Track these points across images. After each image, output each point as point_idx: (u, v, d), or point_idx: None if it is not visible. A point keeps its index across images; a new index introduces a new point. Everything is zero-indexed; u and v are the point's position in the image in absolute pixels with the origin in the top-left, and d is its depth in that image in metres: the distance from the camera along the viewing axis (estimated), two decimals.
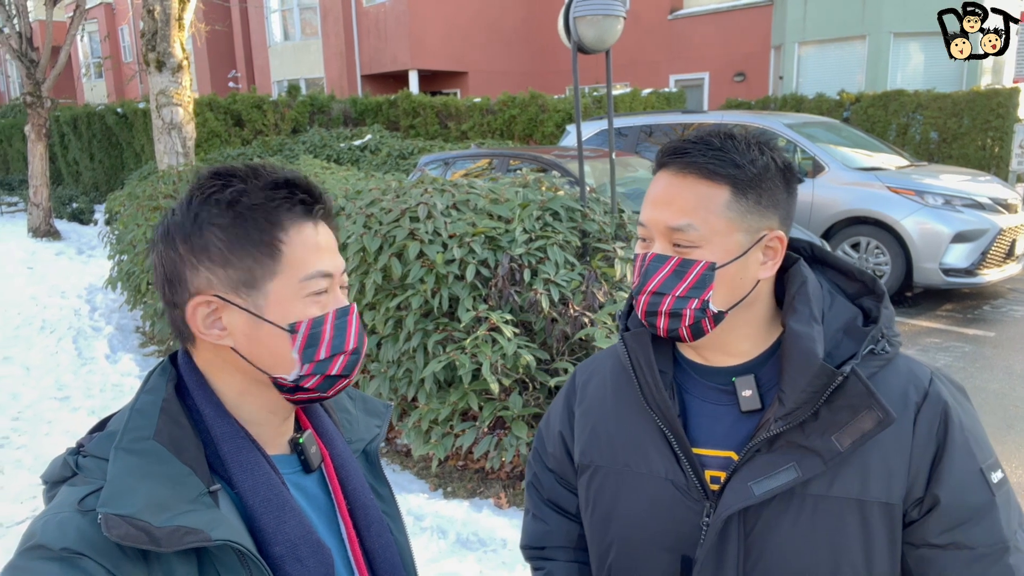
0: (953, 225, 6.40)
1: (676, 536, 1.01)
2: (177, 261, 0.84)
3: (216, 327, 0.84)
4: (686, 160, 0.96)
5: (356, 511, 0.95)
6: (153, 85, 8.64)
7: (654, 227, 0.97)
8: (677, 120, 8.50)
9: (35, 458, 4.03)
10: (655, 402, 1.02)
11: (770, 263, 0.99)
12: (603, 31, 3.70)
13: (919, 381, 0.96)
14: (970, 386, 4.74)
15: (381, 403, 1.12)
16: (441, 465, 3.72)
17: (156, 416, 0.81)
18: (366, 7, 19.58)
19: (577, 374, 1.21)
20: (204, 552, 0.77)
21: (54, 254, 11.01)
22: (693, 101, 17.33)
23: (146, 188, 7.24)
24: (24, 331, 6.71)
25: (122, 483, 0.74)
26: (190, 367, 0.88)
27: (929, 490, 0.92)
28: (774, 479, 0.93)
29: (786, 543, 0.94)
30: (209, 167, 0.87)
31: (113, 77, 27.74)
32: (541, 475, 1.24)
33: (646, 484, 1.04)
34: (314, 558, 0.83)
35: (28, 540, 0.73)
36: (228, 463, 0.83)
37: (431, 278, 3.44)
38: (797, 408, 0.92)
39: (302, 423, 0.98)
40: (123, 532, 0.71)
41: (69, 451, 0.83)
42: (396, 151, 12.08)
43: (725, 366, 1.02)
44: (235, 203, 0.82)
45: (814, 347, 0.92)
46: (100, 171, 16.46)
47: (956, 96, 11.03)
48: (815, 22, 14.79)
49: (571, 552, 1.20)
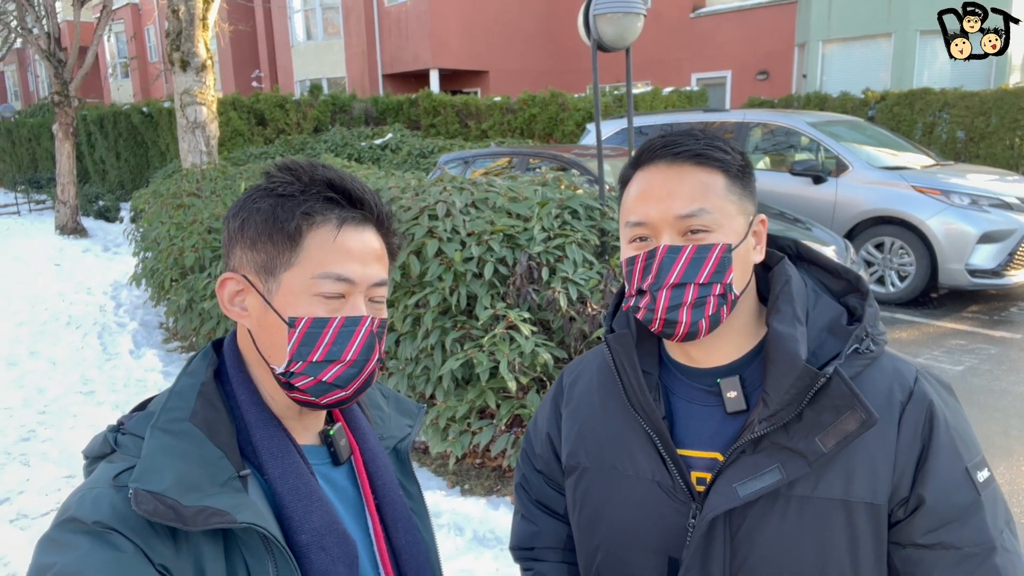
0: (980, 225, 6.30)
1: (663, 537, 1.01)
2: (226, 239, 0.89)
3: (239, 306, 0.88)
4: (678, 151, 0.96)
5: (384, 506, 0.96)
6: (178, 84, 8.75)
7: (659, 221, 0.95)
8: (698, 119, 8.44)
9: (60, 451, 4.10)
10: (640, 404, 1.01)
11: (759, 247, 1.01)
12: (623, 29, 3.68)
13: (904, 380, 0.95)
14: (996, 389, 4.66)
15: (414, 404, 1.13)
16: (458, 463, 3.73)
17: (193, 399, 0.83)
18: (388, 7, 19.66)
19: (564, 375, 1.21)
20: (230, 535, 0.78)
21: (81, 251, 11.19)
22: (715, 100, 17.20)
23: (170, 186, 7.33)
24: (51, 326, 6.83)
25: (154, 461, 0.77)
26: (233, 354, 0.90)
27: (914, 490, 0.92)
28: (759, 480, 0.92)
29: (772, 544, 0.94)
30: (282, 160, 0.90)
31: (139, 77, 28.10)
32: (530, 476, 1.24)
33: (632, 486, 1.03)
34: (339, 548, 0.84)
35: (64, 513, 0.75)
36: (259, 449, 0.85)
37: (449, 276, 3.45)
38: (781, 409, 0.92)
39: (334, 416, 0.99)
40: (151, 508, 0.72)
41: (110, 428, 0.85)
42: (417, 150, 12.13)
43: (711, 367, 1.02)
44: (273, 191, 0.86)
45: (797, 348, 0.92)
46: (126, 169, 16.70)
47: (984, 95, 10.84)
48: (840, 20, 14.62)
49: (560, 553, 1.21)
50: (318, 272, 0.84)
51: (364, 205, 0.87)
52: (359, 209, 0.87)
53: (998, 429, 4.09)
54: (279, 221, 0.84)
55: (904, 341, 5.69)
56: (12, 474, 3.85)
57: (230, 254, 0.88)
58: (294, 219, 0.84)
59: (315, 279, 0.84)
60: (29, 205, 17.59)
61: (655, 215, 0.95)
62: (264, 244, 0.85)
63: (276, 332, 0.85)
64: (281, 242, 0.84)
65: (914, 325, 6.13)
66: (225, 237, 0.89)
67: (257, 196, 0.87)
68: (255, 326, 0.87)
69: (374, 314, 0.88)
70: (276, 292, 0.85)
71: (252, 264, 0.86)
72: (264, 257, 0.85)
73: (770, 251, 1.05)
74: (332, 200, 0.85)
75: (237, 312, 0.88)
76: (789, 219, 6.06)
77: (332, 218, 0.85)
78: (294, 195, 0.85)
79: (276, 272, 0.85)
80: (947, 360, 5.21)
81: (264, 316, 0.86)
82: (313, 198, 0.85)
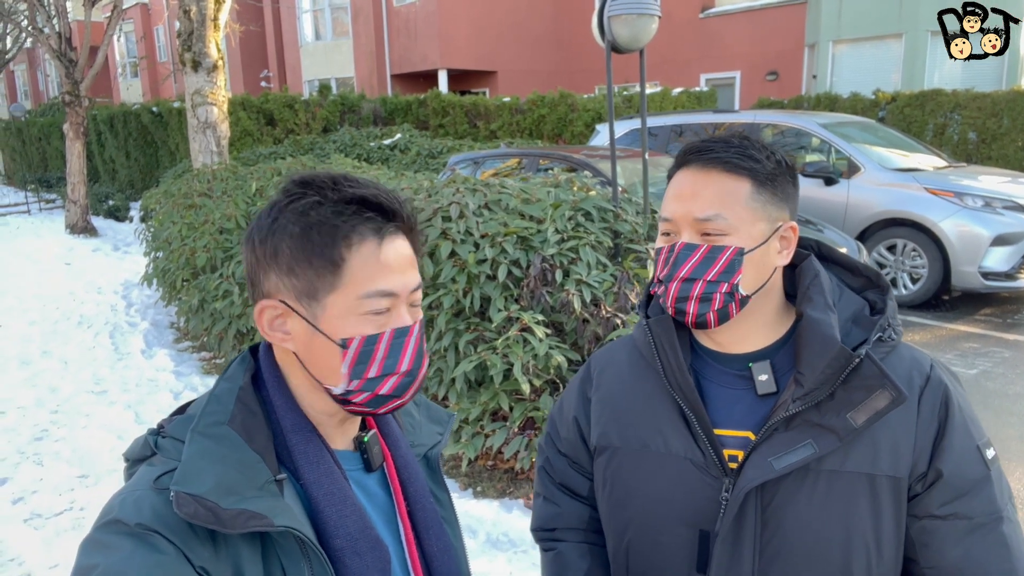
0: (993, 227, 6.25)
1: (695, 512, 1.06)
2: (254, 263, 0.87)
3: (281, 330, 0.87)
4: (709, 157, 1.03)
5: (416, 513, 0.96)
6: (189, 85, 8.77)
7: (681, 220, 1.03)
8: (708, 119, 8.41)
9: (73, 451, 4.11)
10: (677, 383, 1.07)
11: (785, 252, 1.07)
12: (638, 30, 3.67)
13: (921, 367, 1.04)
14: (1011, 393, 4.63)
15: (444, 412, 1.13)
16: (471, 465, 3.73)
17: (232, 403, 0.84)
18: (396, 7, 19.68)
19: (592, 363, 1.27)
20: (267, 538, 0.79)
21: (91, 250, 11.24)
22: (724, 100, 17.16)
23: (181, 186, 7.35)
24: (62, 326, 6.86)
25: (195, 464, 0.78)
26: (269, 360, 0.91)
27: (932, 465, 0.99)
28: (793, 454, 0.98)
29: (802, 516, 1.00)
30: (298, 173, 0.88)
31: (148, 77, 28.22)
32: (553, 459, 1.29)
33: (664, 463, 1.09)
34: (372, 554, 0.85)
35: (106, 515, 0.76)
36: (295, 454, 0.86)
37: (463, 278, 3.44)
38: (815, 388, 0.98)
39: (368, 423, 0.99)
40: (192, 511, 0.73)
41: (150, 431, 0.87)
42: (425, 150, 12.13)
43: (741, 353, 1.09)
44: (306, 214, 0.83)
45: (832, 332, 1.00)
46: (136, 169, 16.77)
47: (996, 96, 10.78)
48: (850, 20, 14.56)
49: (582, 533, 1.25)
50: (363, 292, 0.83)
51: (397, 216, 0.86)
52: (393, 221, 0.86)
53: (1014, 434, 4.06)
54: (318, 246, 0.82)
55: (917, 344, 5.63)
56: (26, 473, 3.86)
57: (263, 280, 0.86)
58: (336, 245, 0.82)
59: (361, 299, 0.83)
60: (39, 204, 17.68)
61: (679, 214, 1.04)
62: (303, 270, 0.83)
63: (328, 354, 0.85)
64: (322, 267, 0.83)
65: (927, 328, 6.09)
66: (251, 261, 0.86)
67: (285, 219, 0.84)
68: (303, 349, 0.86)
69: (415, 318, 0.89)
70: (322, 316, 0.84)
71: (291, 290, 0.84)
72: (304, 283, 0.83)
73: (796, 250, 1.11)
74: (364, 217, 0.84)
75: (280, 337, 0.87)
76: (800, 221, 6.01)
77: (371, 236, 0.84)
78: (328, 218, 0.82)
79: (319, 296, 0.83)
80: (960, 363, 5.18)
81: (312, 340, 0.85)
82: (351, 219, 0.83)
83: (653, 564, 1.11)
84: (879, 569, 1.01)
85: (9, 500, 3.59)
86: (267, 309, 0.86)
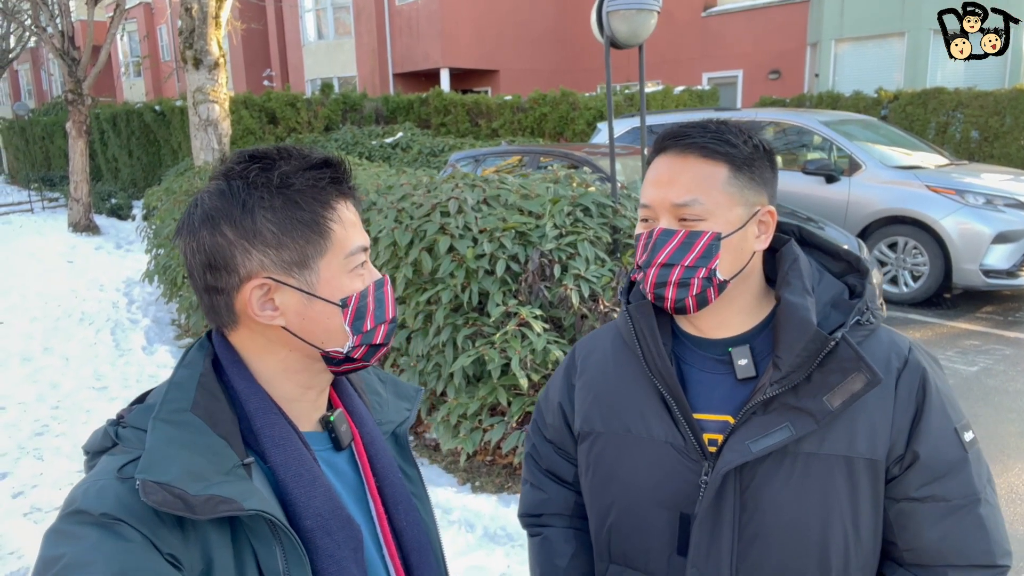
0: (994, 225, 6.24)
1: (675, 495, 1.07)
2: (225, 246, 0.83)
3: (269, 308, 0.85)
4: (686, 142, 1.04)
5: (385, 490, 0.97)
6: (190, 82, 8.79)
7: (659, 205, 1.04)
8: (710, 118, 8.39)
9: (74, 446, 4.13)
10: (657, 369, 1.08)
11: (763, 236, 1.07)
12: (636, 26, 3.67)
13: (899, 349, 1.04)
14: (1011, 390, 4.62)
15: (411, 387, 1.14)
16: (469, 459, 3.73)
17: (193, 389, 0.83)
18: (399, 6, 19.69)
19: (576, 350, 1.28)
20: (237, 522, 0.79)
21: (93, 248, 11.27)
22: (726, 99, 17.14)
23: (183, 184, 7.37)
24: (64, 323, 6.88)
25: (160, 452, 0.76)
26: (224, 345, 0.89)
27: (909, 447, 1.00)
28: (770, 437, 0.99)
29: (780, 498, 1.01)
30: (237, 151, 0.89)
31: (151, 75, 28.26)
32: (540, 446, 1.30)
33: (646, 447, 1.10)
34: (343, 532, 0.85)
35: (69, 506, 0.75)
36: (261, 437, 0.85)
37: (461, 272, 3.45)
38: (792, 372, 0.99)
39: (333, 402, 1.00)
40: (160, 498, 0.72)
41: (109, 422, 0.85)
42: (427, 148, 12.14)
43: (720, 338, 1.09)
44: (284, 187, 0.84)
45: (809, 316, 1.00)
46: (138, 167, 16.79)
47: (998, 94, 10.76)
48: (853, 19, 14.54)
49: (567, 519, 1.26)
50: (348, 250, 0.87)
51: (348, 175, 0.90)
52: (347, 183, 0.90)
53: (1015, 431, 4.05)
54: (306, 214, 0.84)
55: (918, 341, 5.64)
56: (26, 468, 3.88)
57: (242, 262, 0.83)
58: (322, 210, 0.85)
59: (348, 257, 0.87)
60: (43, 203, 17.72)
61: (657, 200, 1.04)
62: (294, 241, 0.84)
63: (328, 318, 0.87)
64: (312, 234, 0.85)
65: (928, 325, 6.08)
66: (220, 245, 0.83)
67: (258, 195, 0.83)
68: (295, 321, 0.86)
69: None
70: (317, 282, 0.86)
71: (279, 264, 0.84)
72: (294, 253, 0.84)
73: (776, 235, 1.12)
74: (336, 179, 0.88)
75: (268, 316, 0.85)
76: (801, 218, 6.02)
77: (343, 196, 0.89)
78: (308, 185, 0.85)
79: (311, 264, 0.85)
80: (961, 361, 5.17)
81: (308, 308, 0.86)
82: (325, 183, 0.86)
83: (634, 546, 1.12)
84: (857, 551, 1.02)
85: (9, 494, 3.61)
86: (255, 290, 0.84)
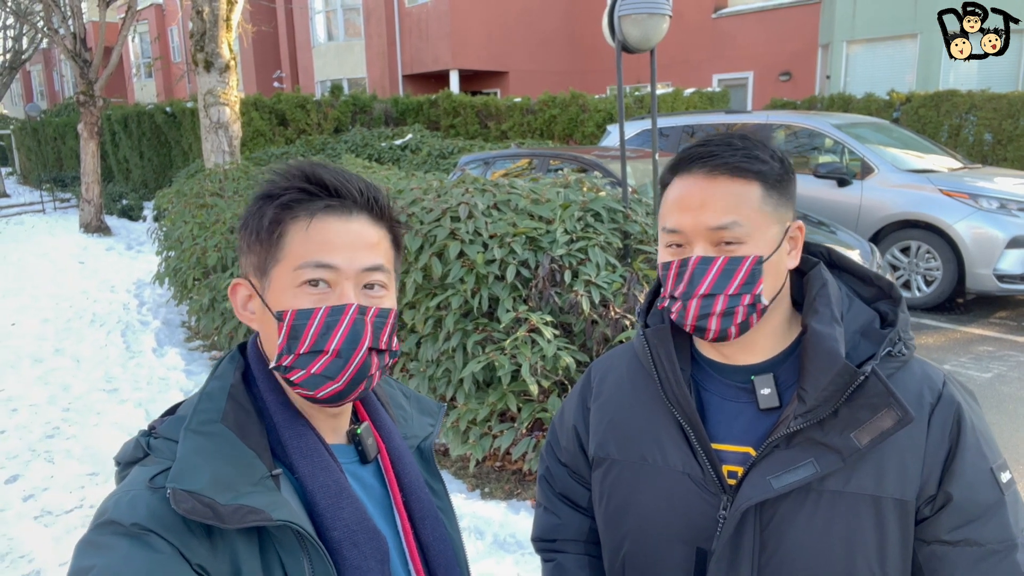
0: (1008, 230, 6.18)
1: (692, 528, 1.03)
2: (237, 247, 0.94)
3: (249, 310, 0.92)
4: (716, 162, 0.98)
5: (411, 503, 0.97)
6: (201, 85, 8.81)
7: (692, 230, 0.98)
8: (720, 120, 8.36)
9: (84, 448, 4.14)
10: (675, 396, 1.04)
11: (794, 252, 1.04)
12: (648, 30, 3.65)
13: (933, 383, 0.98)
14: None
15: (434, 403, 1.14)
16: (479, 465, 3.72)
17: (224, 401, 0.85)
18: (408, 8, 19.72)
19: (592, 371, 1.23)
20: (265, 533, 0.80)
21: (104, 249, 11.33)
22: (737, 101, 17.07)
23: (193, 186, 7.39)
24: (75, 324, 6.91)
25: (190, 462, 0.78)
26: (257, 357, 0.92)
27: (942, 488, 0.94)
28: (793, 474, 0.94)
29: (802, 537, 0.96)
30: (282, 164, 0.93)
31: (162, 77, 28.42)
32: (554, 469, 1.27)
33: (663, 477, 1.05)
34: (370, 544, 0.85)
35: (101, 516, 0.76)
36: (289, 449, 0.86)
37: (471, 278, 3.43)
38: (818, 406, 0.94)
39: (360, 415, 1.00)
40: (190, 507, 0.73)
41: (141, 433, 0.87)
42: (436, 150, 12.14)
43: (744, 364, 1.04)
44: (259, 196, 0.89)
45: (836, 347, 0.95)
46: (149, 169, 16.88)
47: (1012, 96, 10.65)
48: (865, 20, 14.44)
49: (581, 545, 1.22)
50: (299, 263, 0.85)
51: (342, 193, 0.88)
52: (337, 198, 0.87)
53: None
54: (262, 220, 0.87)
55: (931, 347, 5.59)
56: (37, 471, 3.89)
57: (240, 261, 0.93)
58: (276, 218, 0.86)
59: (297, 270, 0.85)
60: (54, 203, 17.83)
61: (689, 225, 0.98)
62: (255, 246, 0.88)
63: (271, 328, 0.88)
64: (266, 240, 0.86)
65: (941, 331, 6.03)
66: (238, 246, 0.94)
67: (252, 201, 0.90)
68: (260, 327, 0.90)
69: (370, 303, 0.87)
70: (268, 289, 0.87)
71: (251, 267, 0.89)
72: (256, 258, 0.88)
73: (804, 256, 1.08)
74: (306, 191, 0.86)
75: (247, 316, 0.91)
76: (813, 222, 5.98)
77: (307, 209, 0.86)
78: (274, 192, 0.87)
79: (267, 270, 0.87)
80: (975, 367, 5.12)
81: (264, 315, 0.88)
82: (290, 192, 0.86)
83: None
84: None
85: (20, 497, 3.62)
86: (239, 287, 0.91)
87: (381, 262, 0.89)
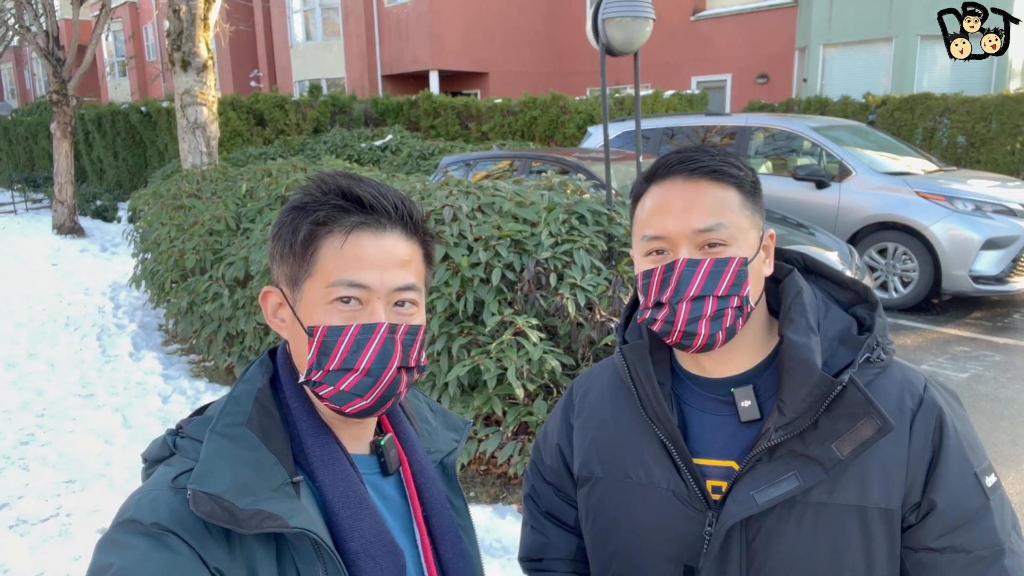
0: (983, 231, 6.29)
1: (678, 546, 1.02)
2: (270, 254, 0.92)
3: (279, 317, 0.92)
4: (695, 166, 0.98)
5: (432, 519, 0.96)
6: (178, 84, 8.70)
7: (677, 235, 0.97)
8: (699, 122, 8.41)
9: (60, 455, 4.05)
10: (655, 413, 1.03)
11: (769, 260, 1.04)
12: (632, 33, 3.66)
13: (914, 388, 0.98)
14: (1002, 397, 4.64)
15: (461, 419, 1.14)
16: (463, 470, 3.70)
17: (250, 405, 0.86)
18: (387, 7, 19.63)
19: (574, 387, 1.23)
20: (282, 540, 0.80)
21: (78, 251, 11.13)
22: (715, 103, 17.21)
23: (170, 187, 7.28)
24: (49, 327, 6.78)
25: (213, 463, 0.79)
26: (286, 363, 0.92)
27: (926, 495, 0.94)
28: (776, 488, 0.94)
29: (788, 551, 0.96)
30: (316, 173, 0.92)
31: (137, 76, 28.01)
32: (539, 487, 1.25)
33: (647, 495, 1.05)
34: (388, 557, 0.85)
35: (123, 514, 0.77)
36: (311, 457, 0.87)
37: (456, 281, 3.42)
38: (797, 418, 0.94)
39: (384, 427, 1.00)
40: (208, 509, 0.74)
41: (169, 432, 0.88)
42: (417, 151, 12.09)
43: (723, 377, 1.03)
44: (294, 206, 0.88)
45: (812, 357, 0.94)
46: (124, 169, 16.64)
47: (984, 100, 10.85)
48: (841, 24, 14.63)
49: (569, 564, 1.21)
50: (332, 280, 0.85)
51: (378, 210, 0.87)
52: (372, 214, 0.86)
53: (1006, 438, 4.07)
54: (296, 233, 0.86)
55: (908, 347, 5.67)
56: (11, 479, 3.80)
57: (273, 269, 0.92)
58: (311, 233, 0.85)
59: (329, 287, 0.85)
60: (26, 204, 17.50)
61: (673, 229, 0.97)
62: (288, 257, 0.87)
63: (302, 342, 0.87)
64: (300, 254, 0.86)
65: (917, 331, 6.11)
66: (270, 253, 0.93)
67: (286, 211, 0.89)
68: (289, 337, 0.91)
69: (400, 320, 0.87)
70: (300, 302, 0.87)
71: (283, 277, 0.89)
72: (289, 269, 0.88)
73: (779, 264, 1.08)
74: (342, 208, 0.86)
75: (277, 324, 0.92)
76: (792, 224, 6.03)
77: (342, 225, 0.86)
78: (309, 205, 0.86)
79: (300, 283, 0.87)
80: (952, 367, 5.19)
81: (294, 327, 0.89)
82: (325, 207, 0.86)
83: None
84: None
85: None
86: (270, 295, 0.92)
87: (412, 281, 0.89)
